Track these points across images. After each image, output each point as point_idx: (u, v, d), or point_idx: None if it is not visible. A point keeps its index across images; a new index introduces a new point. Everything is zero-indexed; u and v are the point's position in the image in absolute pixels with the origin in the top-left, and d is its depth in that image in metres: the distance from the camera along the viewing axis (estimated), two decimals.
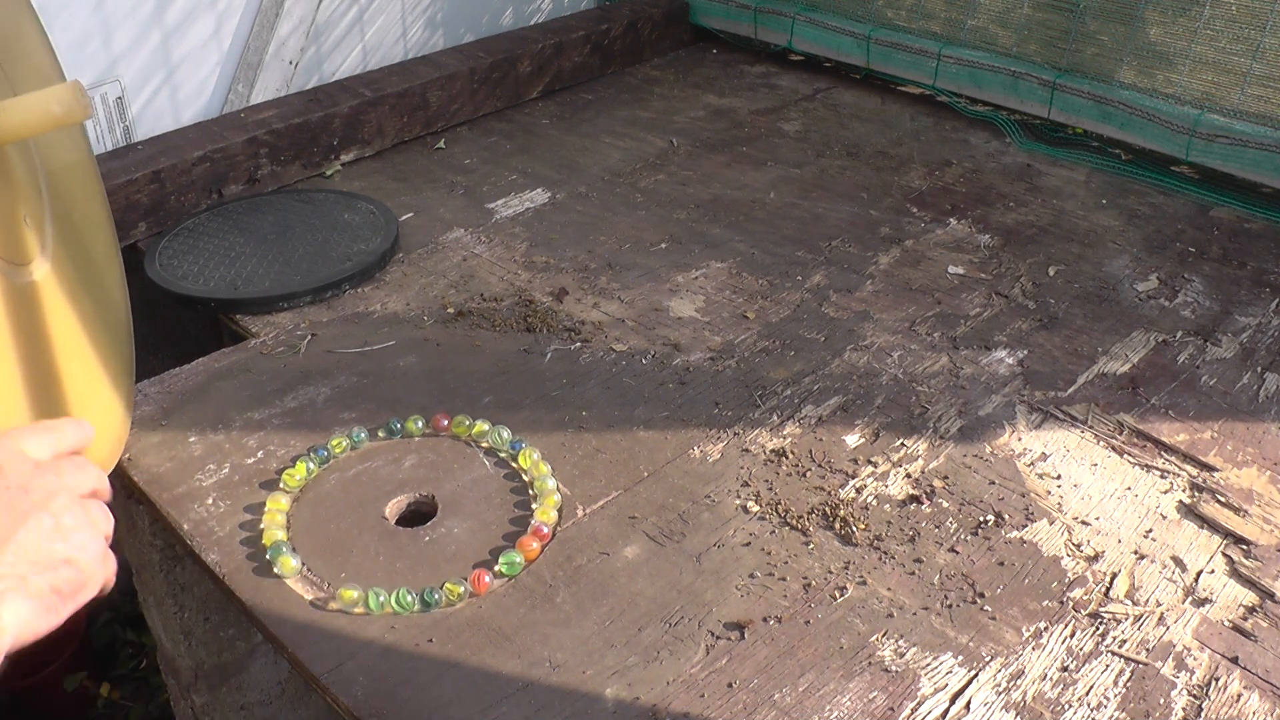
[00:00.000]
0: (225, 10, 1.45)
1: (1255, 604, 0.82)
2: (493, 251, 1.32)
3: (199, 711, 1.19)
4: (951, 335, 1.16)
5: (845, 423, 1.02)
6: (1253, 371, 1.10)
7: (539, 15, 1.90)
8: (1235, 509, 0.92)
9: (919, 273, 1.28)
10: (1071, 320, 1.19)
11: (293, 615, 0.81)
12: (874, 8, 1.80)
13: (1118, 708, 0.74)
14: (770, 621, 0.80)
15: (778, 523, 0.89)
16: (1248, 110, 1.43)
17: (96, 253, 1.01)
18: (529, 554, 0.85)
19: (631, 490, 0.93)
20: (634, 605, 0.81)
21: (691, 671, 0.76)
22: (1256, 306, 1.22)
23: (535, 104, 1.77)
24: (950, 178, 1.52)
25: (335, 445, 0.97)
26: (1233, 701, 0.75)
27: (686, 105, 1.76)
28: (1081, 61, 1.59)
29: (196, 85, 1.47)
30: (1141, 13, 1.50)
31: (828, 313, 1.20)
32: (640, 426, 1.01)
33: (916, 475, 0.95)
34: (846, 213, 1.42)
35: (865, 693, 0.75)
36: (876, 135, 1.66)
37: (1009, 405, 1.05)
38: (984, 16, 1.68)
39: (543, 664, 0.77)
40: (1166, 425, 1.02)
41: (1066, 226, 1.39)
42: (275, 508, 0.90)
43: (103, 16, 1.33)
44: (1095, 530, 0.89)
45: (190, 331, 1.43)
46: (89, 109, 0.78)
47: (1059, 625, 0.80)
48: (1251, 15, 1.40)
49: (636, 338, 1.15)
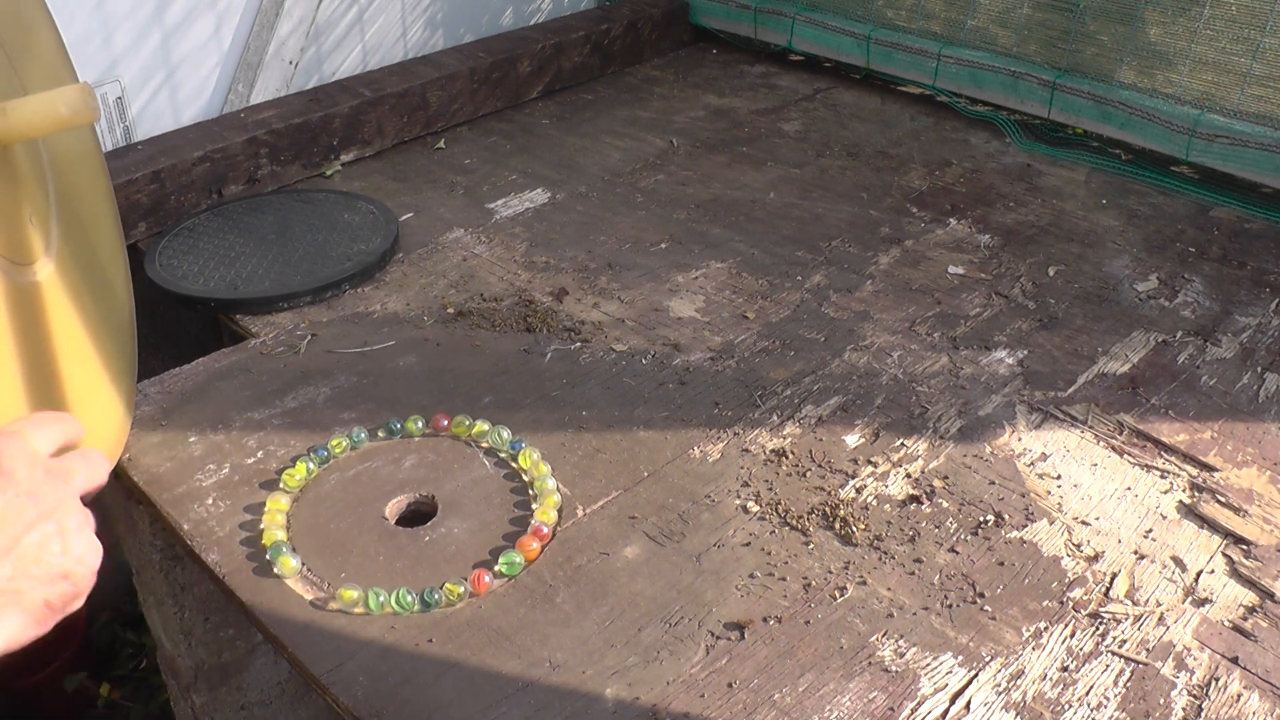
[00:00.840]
0: (225, 10, 1.45)
1: (1255, 604, 0.82)
2: (493, 251, 1.32)
3: (199, 711, 1.19)
4: (951, 335, 1.16)
5: (845, 423, 1.02)
6: (1253, 371, 1.10)
7: (539, 15, 1.90)
8: (1235, 509, 0.92)
9: (919, 273, 1.28)
10: (1071, 320, 1.19)
11: (293, 615, 0.81)
12: (874, 8, 1.80)
13: (1118, 708, 0.74)
14: (770, 621, 0.80)
15: (778, 523, 0.89)
16: (1248, 110, 1.43)
17: (101, 249, 1.01)
18: (529, 554, 0.85)
19: (631, 490, 0.93)
20: (634, 605, 0.81)
21: (691, 671, 0.76)
22: (1256, 306, 1.22)
23: (535, 104, 1.77)
24: (950, 178, 1.52)
25: (335, 445, 0.97)
26: (1233, 701, 0.75)
27: (686, 105, 1.76)
28: (1081, 61, 1.59)
29: (196, 85, 1.47)
30: (1141, 13, 1.50)
31: (828, 313, 1.20)
32: (640, 426, 1.01)
33: (916, 475, 0.95)
34: (846, 213, 1.42)
35: (865, 693, 0.75)
36: (876, 135, 1.66)
37: (1009, 405, 1.05)
38: (984, 16, 1.68)
39: (543, 664, 0.77)
40: (1166, 425, 1.02)
41: (1066, 226, 1.39)
42: (275, 508, 0.90)
43: (103, 16, 1.33)
44: (1095, 530, 0.89)
45: (190, 331, 1.43)
46: (97, 111, 0.78)
47: (1059, 625, 0.80)
48: (1251, 15, 1.40)
49: (636, 338, 1.15)
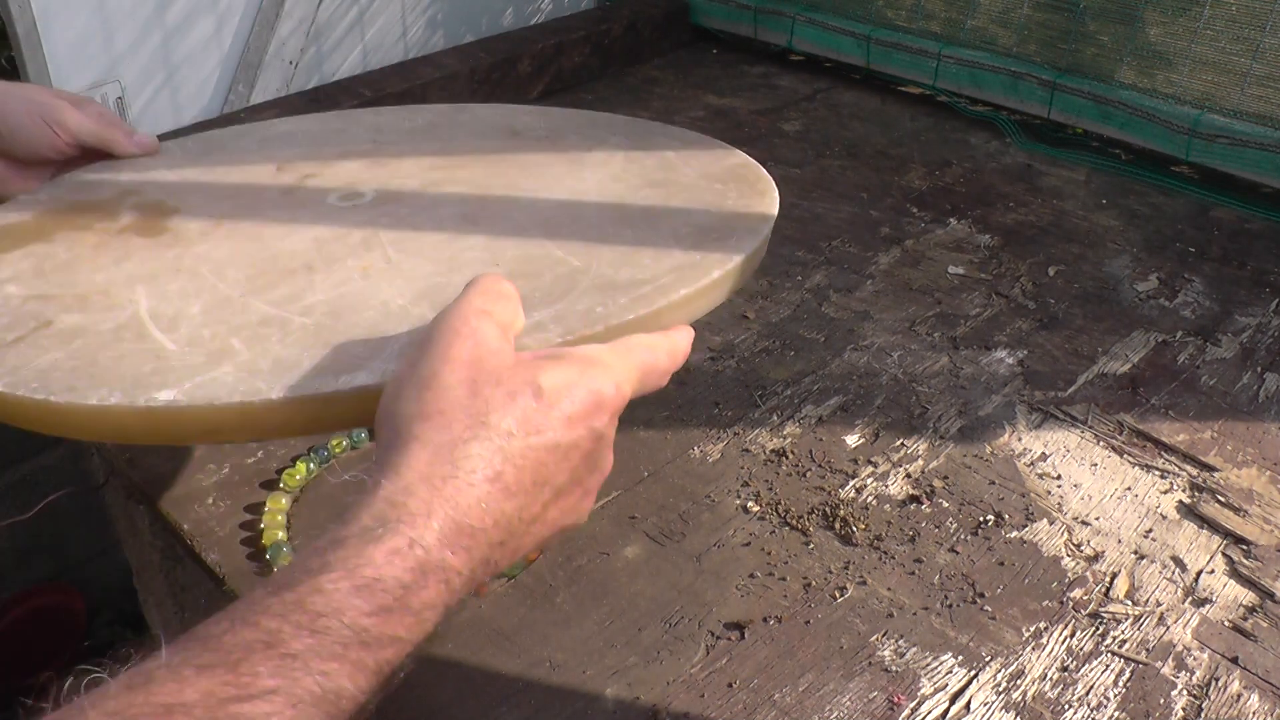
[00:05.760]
0: (226, 10, 1.46)
1: (1255, 604, 0.82)
2: None
3: None
4: (951, 335, 1.16)
5: (845, 423, 1.02)
6: (1253, 371, 1.10)
7: (539, 15, 1.90)
8: (1235, 509, 0.92)
9: (919, 273, 1.28)
10: (1071, 320, 1.19)
11: None
12: (874, 8, 1.80)
13: (1118, 708, 0.74)
14: (770, 621, 0.80)
15: (778, 523, 0.89)
16: (1248, 110, 1.43)
17: None
18: (529, 554, 0.85)
19: (631, 490, 0.93)
20: (634, 605, 0.81)
21: (691, 671, 0.76)
22: (1256, 306, 1.22)
23: (535, 104, 1.76)
24: (950, 178, 1.52)
25: (335, 445, 0.97)
26: (1233, 701, 0.75)
27: (686, 105, 1.76)
28: (1081, 61, 1.59)
29: (197, 86, 1.47)
30: (1141, 13, 1.50)
31: (828, 313, 1.20)
32: (640, 426, 1.01)
33: (916, 475, 0.95)
34: (846, 213, 1.42)
35: (865, 693, 0.75)
36: (876, 135, 1.66)
37: (1009, 405, 1.05)
38: (984, 16, 1.68)
39: (543, 664, 0.77)
40: (1166, 425, 1.02)
41: (1066, 226, 1.39)
42: (275, 508, 0.90)
43: (103, 17, 1.33)
44: (1095, 530, 0.89)
45: None
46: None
47: (1059, 625, 0.80)
48: (1251, 15, 1.40)
49: None
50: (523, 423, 0.49)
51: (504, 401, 0.50)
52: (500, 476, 0.48)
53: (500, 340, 0.53)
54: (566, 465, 0.51)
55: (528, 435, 0.49)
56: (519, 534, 0.50)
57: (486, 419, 0.49)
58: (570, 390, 0.51)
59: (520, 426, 0.49)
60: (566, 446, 0.51)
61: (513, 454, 0.49)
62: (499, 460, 0.48)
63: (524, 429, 0.49)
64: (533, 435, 0.49)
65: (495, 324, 0.54)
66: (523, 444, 0.49)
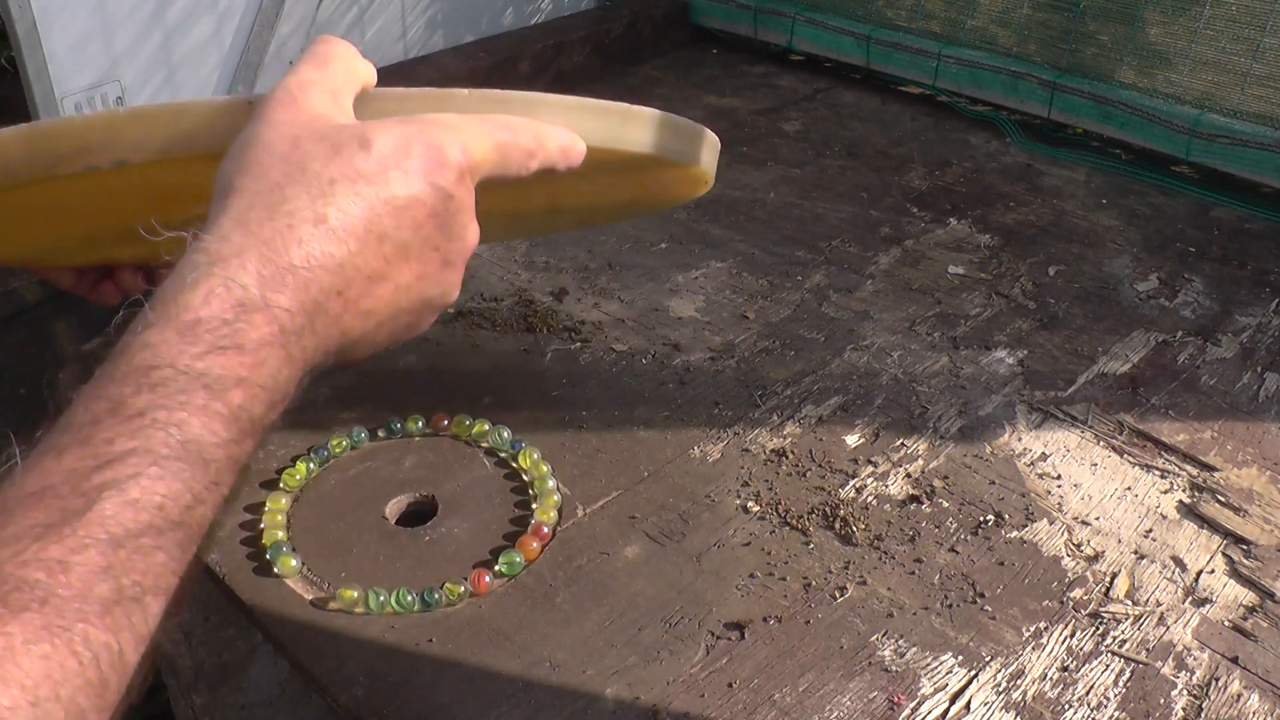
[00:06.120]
0: (226, 11, 1.46)
1: (1255, 604, 0.82)
2: (492, 251, 1.32)
3: (199, 711, 1.19)
4: (951, 335, 1.16)
5: (845, 423, 1.02)
6: (1253, 371, 1.10)
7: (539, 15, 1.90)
8: (1235, 509, 0.92)
9: (919, 273, 1.28)
10: (1071, 320, 1.19)
11: (293, 615, 0.81)
12: (874, 8, 1.80)
13: (1118, 708, 0.74)
14: (770, 621, 0.80)
15: (778, 523, 0.89)
16: (1248, 110, 1.43)
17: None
18: (529, 554, 0.85)
19: (631, 490, 0.93)
20: (634, 605, 0.81)
21: (691, 671, 0.76)
22: (1256, 306, 1.22)
23: None
24: (950, 178, 1.52)
25: (335, 445, 0.97)
26: (1233, 701, 0.75)
27: (686, 105, 1.76)
28: (1081, 61, 1.59)
29: (197, 86, 1.47)
30: (1141, 13, 1.50)
31: (828, 313, 1.20)
32: (640, 426, 1.01)
33: (916, 475, 0.95)
34: (846, 213, 1.42)
35: (865, 693, 0.75)
36: (876, 135, 1.66)
37: (1009, 405, 1.05)
38: (984, 16, 1.68)
39: (543, 664, 0.77)
40: (1166, 425, 1.02)
41: (1066, 226, 1.39)
42: (275, 508, 0.90)
43: (103, 16, 1.33)
44: (1095, 530, 0.89)
45: None
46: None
47: (1059, 625, 0.80)
48: (1251, 15, 1.40)
49: (636, 338, 1.15)
50: (347, 171, 0.47)
51: (327, 153, 0.48)
52: (324, 219, 0.46)
53: (329, 105, 0.51)
54: (409, 220, 0.49)
55: (354, 183, 0.47)
56: (361, 288, 0.48)
57: (306, 166, 0.47)
58: (405, 144, 0.49)
59: (344, 174, 0.47)
60: (405, 200, 0.48)
61: (336, 198, 0.47)
62: (321, 204, 0.46)
63: (348, 177, 0.47)
64: (361, 183, 0.47)
65: (325, 91, 0.51)
66: (349, 190, 0.47)
